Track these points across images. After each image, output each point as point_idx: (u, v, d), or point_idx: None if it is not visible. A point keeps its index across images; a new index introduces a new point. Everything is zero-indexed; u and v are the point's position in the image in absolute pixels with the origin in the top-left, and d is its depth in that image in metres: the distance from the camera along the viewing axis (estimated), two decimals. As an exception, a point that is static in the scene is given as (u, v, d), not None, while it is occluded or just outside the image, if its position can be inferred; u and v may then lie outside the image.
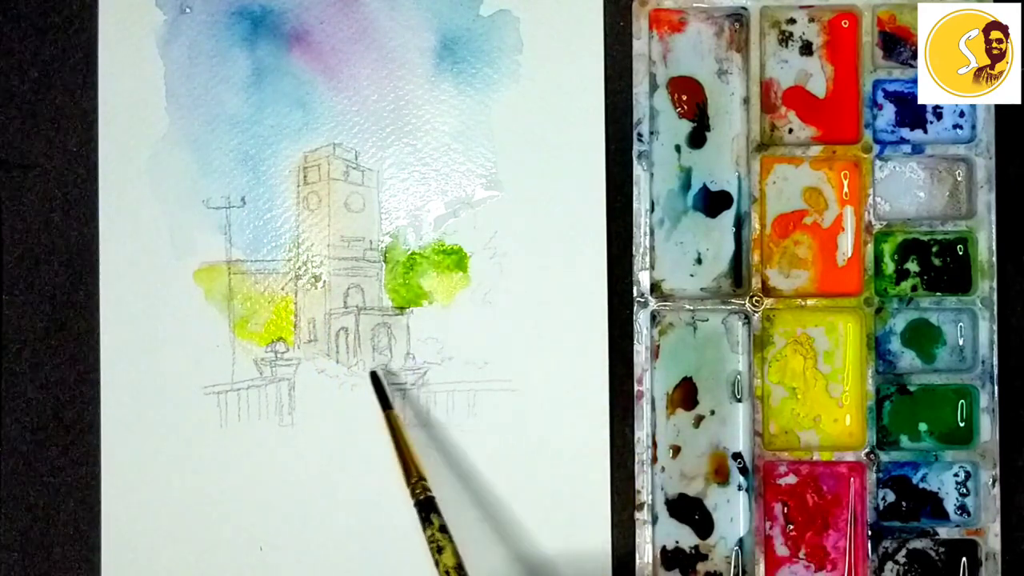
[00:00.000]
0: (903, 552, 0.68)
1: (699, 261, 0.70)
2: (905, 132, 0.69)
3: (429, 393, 0.70)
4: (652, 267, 0.69)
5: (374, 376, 0.69)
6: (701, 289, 0.70)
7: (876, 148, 0.69)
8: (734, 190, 0.70)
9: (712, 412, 0.69)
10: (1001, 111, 0.68)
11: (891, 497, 0.69)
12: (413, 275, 0.71)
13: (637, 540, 0.69)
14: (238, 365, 0.70)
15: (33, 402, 0.71)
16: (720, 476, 0.69)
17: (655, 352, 0.69)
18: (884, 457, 0.68)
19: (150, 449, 0.70)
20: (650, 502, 0.68)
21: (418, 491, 0.64)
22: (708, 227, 0.70)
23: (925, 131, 0.69)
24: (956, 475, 0.69)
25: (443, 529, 0.63)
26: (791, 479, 0.69)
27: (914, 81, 0.68)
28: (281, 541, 0.70)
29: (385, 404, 0.68)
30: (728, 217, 0.70)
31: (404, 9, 0.71)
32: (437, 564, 0.63)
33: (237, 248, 0.71)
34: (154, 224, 0.70)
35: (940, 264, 0.69)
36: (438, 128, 0.71)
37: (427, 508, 0.64)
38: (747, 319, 0.69)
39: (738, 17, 0.70)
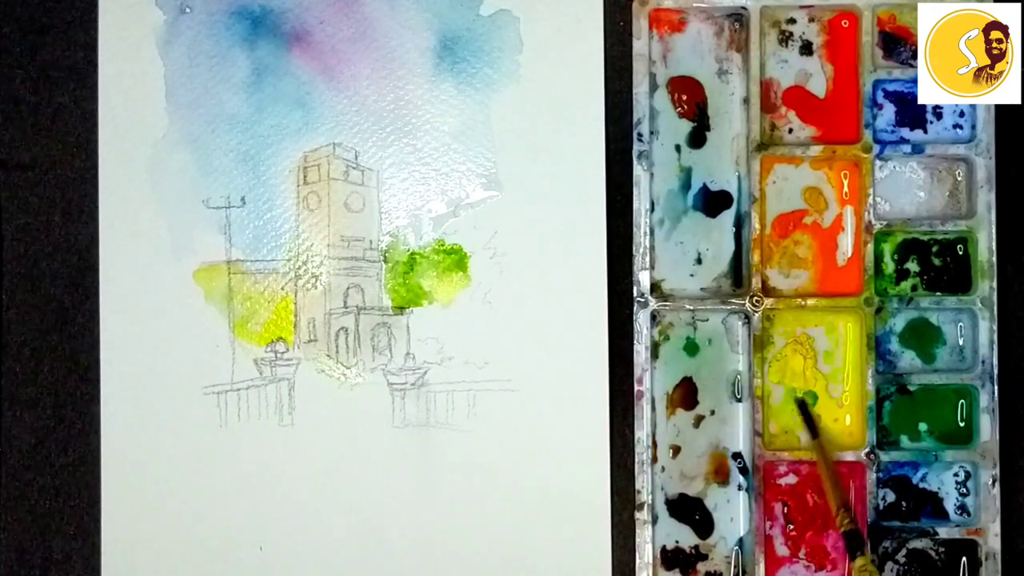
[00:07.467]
0: (903, 552, 0.68)
1: (699, 261, 0.70)
2: (905, 132, 0.69)
3: (429, 393, 0.70)
4: (652, 267, 0.69)
5: (802, 404, 0.69)
6: (701, 289, 0.70)
7: (876, 148, 0.69)
8: (734, 190, 0.70)
9: (712, 412, 0.69)
10: (1001, 111, 0.68)
11: (891, 497, 0.69)
12: (413, 275, 0.70)
13: (637, 540, 0.68)
14: (238, 365, 0.70)
15: (33, 402, 0.71)
16: (720, 476, 0.69)
17: (655, 352, 0.69)
18: (884, 457, 0.68)
19: (150, 449, 0.70)
20: (650, 502, 0.68)
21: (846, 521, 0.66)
22: (708, 227, 0.70)
23: (925, 131, 0.69)
24: (956, 475, 0.69)
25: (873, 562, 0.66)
26: (791, 479, 0.69)
27: (914, 81, 0.68)
28: (281, 541, 0.70)
29: (813, 432, 0.68)
30: (728, 217, 0.70)
31: (404, 9, 0.71)
32: None
33: (237, 248, 0.71)
34: (154, 224, 0.70)
35: (940, 264, 0.69)
36: (438, 128, 0.71)
37: (854, 539, 0.65)
38: (747, 319, 0.69)
39: (738, 17, 0.70)
